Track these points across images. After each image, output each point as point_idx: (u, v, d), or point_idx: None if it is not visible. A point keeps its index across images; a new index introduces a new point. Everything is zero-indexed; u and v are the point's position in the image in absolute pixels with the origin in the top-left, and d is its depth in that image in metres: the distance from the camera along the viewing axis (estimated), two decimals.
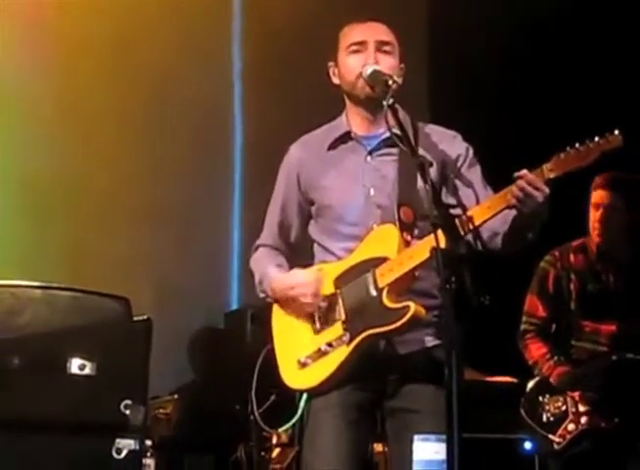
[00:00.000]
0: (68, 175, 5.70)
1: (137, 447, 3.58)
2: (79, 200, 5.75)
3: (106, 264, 5.61)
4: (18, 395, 3.48)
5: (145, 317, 3.71)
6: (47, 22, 5.75)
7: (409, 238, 3.15)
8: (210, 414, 5.60)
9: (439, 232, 2.84)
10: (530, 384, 4.65)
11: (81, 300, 3.64)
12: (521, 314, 4.74)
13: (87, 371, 3.55)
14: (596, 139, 2.92)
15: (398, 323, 3.06)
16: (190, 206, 6.08)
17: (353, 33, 3.34)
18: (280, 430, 3.47)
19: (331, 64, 3.39)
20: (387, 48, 3.30)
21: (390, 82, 3.11)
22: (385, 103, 3.07)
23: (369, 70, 3.21)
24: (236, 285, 6.24)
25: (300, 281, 3.26)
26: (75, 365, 3.55)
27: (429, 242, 2.91)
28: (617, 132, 2.92)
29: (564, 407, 4.51)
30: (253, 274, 3.48)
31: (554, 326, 4.70)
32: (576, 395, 4.50)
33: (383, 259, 3.13)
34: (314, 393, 3.22)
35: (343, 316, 3.18)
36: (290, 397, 3.31)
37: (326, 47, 3.42)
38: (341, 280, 3.22)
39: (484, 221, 3.04)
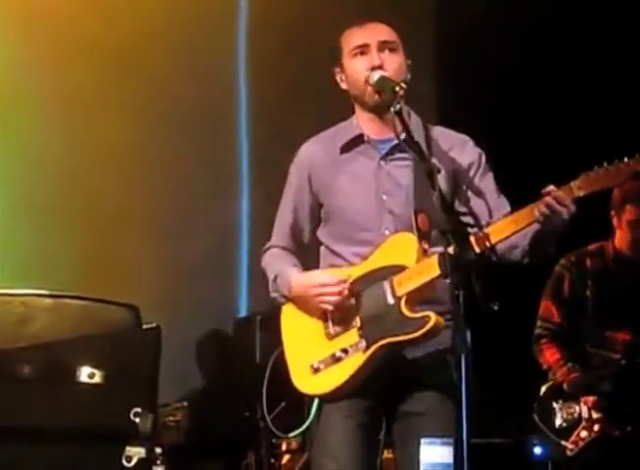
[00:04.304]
0: (76, 182, 5.69)
1: (147, 455, 3.56)
2: (88, 208, 5.73)
3: (115, 272, 5.60)
4: (27, 403, 3.47)
5: (154, 325, 3.70)
6: (50, 21, 5.73)
7: (426, 246, 3.13)
8: (220, 421, 5.59)
9: (449, 238, 2.84)
10: (543, 388, 4.63)
11: (91, 308, 3.63)
12: (535, 318, 4.71)
13: (97, 379, 3.54)
14: (626, 160, 2.87)
15: (418, 333, 3.05)
16: (199, 213, 6.07)
17: (354, 37, 3.32)
18: (291, 435, 3.44)
19: (337, 69, 3.36)
20: (390, 47, 3.27)
21: (398, 89, 3.09)
22: (392, 109, 3.06)
23: (376, 77, 3.19)
24: (245, 292, 6.22)
25: (326, 280, 3.21)
26: (85, 374, 3.53)
27: None
28: None
29: (577, 414, 4.50)
30: (265, 274, 3.43)
31: (569, 331, 4.67)
32: (590, 401, 4.48)
33: (400, 268, 3.11)
34: (327, 399, 3.20)
35: (359, 323, 3.16)
36: (300, 402, 3.29)
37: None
38: (355, 286, 3.19)
39: (508, 236, 3.01)
